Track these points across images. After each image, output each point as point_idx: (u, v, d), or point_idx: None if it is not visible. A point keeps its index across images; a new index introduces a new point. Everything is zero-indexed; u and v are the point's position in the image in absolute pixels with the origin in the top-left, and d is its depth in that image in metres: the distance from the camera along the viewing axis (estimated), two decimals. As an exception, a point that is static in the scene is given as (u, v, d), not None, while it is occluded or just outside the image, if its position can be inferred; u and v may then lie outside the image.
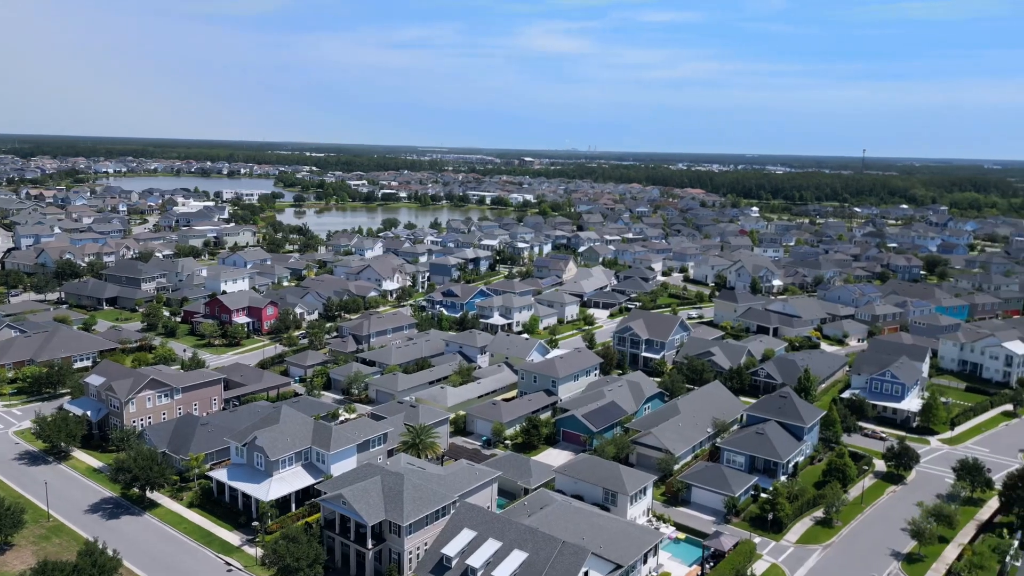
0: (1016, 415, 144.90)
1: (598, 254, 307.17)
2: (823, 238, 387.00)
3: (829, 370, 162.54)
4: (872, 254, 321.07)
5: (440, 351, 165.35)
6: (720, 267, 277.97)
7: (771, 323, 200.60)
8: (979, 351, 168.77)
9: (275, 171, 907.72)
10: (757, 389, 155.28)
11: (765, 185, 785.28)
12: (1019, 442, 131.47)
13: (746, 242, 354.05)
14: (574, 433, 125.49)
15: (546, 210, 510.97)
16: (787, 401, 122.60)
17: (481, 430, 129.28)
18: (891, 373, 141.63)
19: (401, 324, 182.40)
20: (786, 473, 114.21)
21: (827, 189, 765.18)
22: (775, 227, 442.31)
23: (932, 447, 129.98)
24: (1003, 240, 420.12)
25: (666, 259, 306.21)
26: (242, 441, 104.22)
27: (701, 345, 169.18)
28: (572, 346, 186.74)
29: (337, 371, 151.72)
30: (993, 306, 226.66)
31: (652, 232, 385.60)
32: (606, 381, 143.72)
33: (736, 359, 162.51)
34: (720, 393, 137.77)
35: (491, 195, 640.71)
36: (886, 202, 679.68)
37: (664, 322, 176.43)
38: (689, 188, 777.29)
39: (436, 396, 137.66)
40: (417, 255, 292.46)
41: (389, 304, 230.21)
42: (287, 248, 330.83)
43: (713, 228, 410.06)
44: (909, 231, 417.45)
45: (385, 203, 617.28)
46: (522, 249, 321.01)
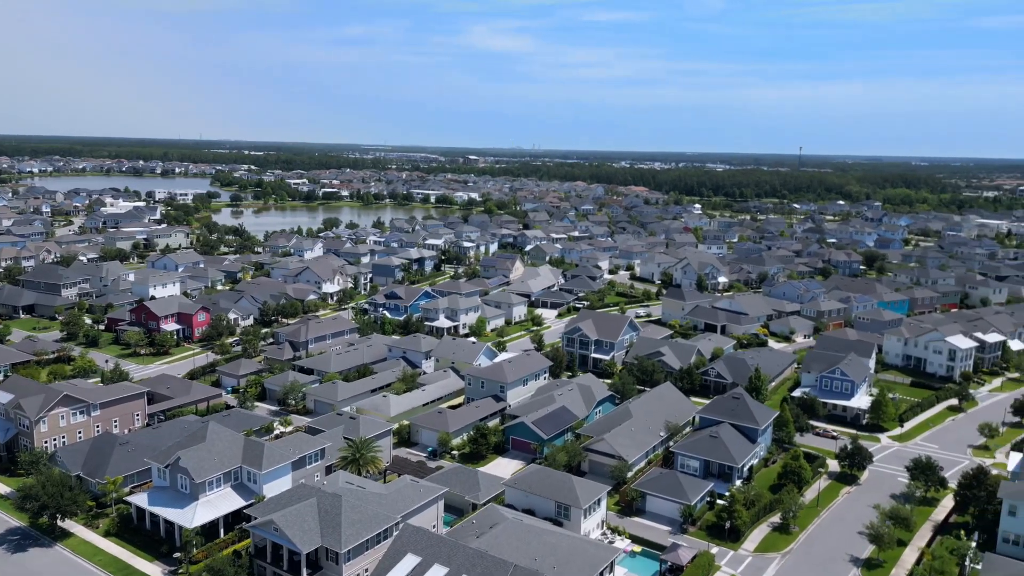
0: (962, 409, 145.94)
1: (545, 253, 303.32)
2: (765, 234, 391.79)
3: (778, 368, 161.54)
4: (813, 250, 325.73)
5: (383, 357, 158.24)
6: (666, 264, 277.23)
7: (719, 321, 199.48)
8: (923, 346, 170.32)
9: (212, 170, 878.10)
10: (708, 389, 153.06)
11: (706, 183, 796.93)
12: (967, 437, 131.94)
13: (690, 239, 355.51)
14: (524, 441, 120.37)
15: (492, 208, 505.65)
16: (740, 402, 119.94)
17: (426, 440, 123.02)
18: (840, 371, 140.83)
19: (341, 329, 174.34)
20: (741, 477, 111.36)
21: (766, 186, 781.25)
22: (718, 224, 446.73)
23: (883, 444, 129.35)
24: (935, 235, 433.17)
25: (612, 257, 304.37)
26: (164, 462, 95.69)
27: (651, 345, 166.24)
28: (521, 348, 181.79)
29: (272, 380, 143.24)
30: (932, 300, 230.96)
31: (598, 230, 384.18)
32: (556, 384, 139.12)
33: (686, 359, 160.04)
34: (672, 395, 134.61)
35: (436, 193, 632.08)
36: (823, 198, 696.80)
37: (613, 322, 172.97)
38: (633, 186, 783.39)
39: (378, 405, 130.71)
40: (359, 256, 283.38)
41: (329, 307, 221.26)
42: (222, 250, 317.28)
43: (658, 225, 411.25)
44: (847, 227, 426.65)
45: (326, 202, 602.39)
46: (468, 248, 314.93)
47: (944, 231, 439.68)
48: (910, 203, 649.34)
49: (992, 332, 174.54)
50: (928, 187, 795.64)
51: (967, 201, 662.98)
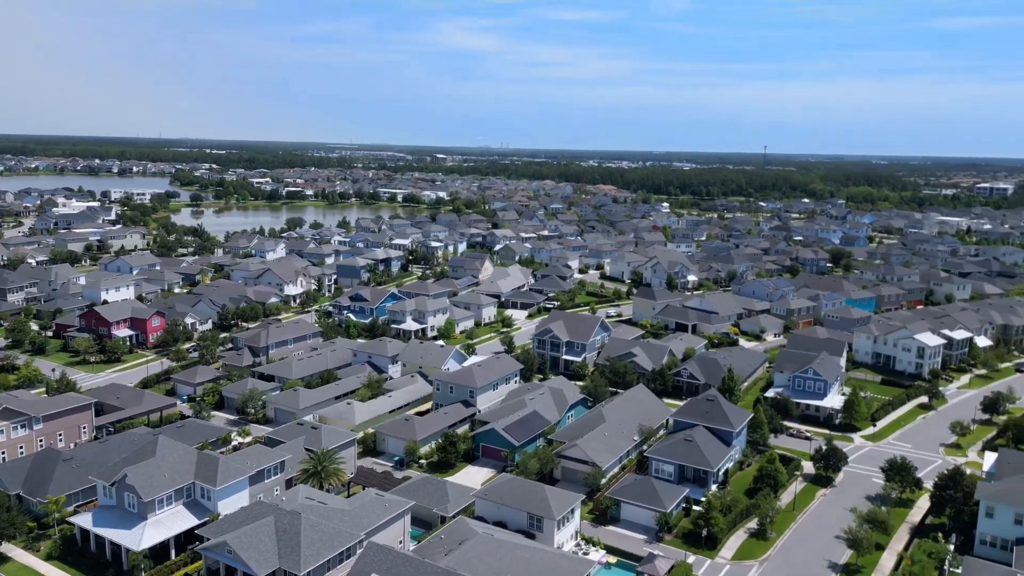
0: (932, 407, 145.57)
1: (514, 252, 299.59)
2: (733, 232, 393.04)
3: (750, 368, 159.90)
4: (781, 248, 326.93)
5: (347, 362, 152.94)
6: (636, 263, 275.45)
7: (689, 320, 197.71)
8: (892, 344, 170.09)
9: (171, 169, 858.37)
10: (680, 390, 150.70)
11: (673, 181, 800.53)
12: (939, 436, 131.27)
13: (659, 238, 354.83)
14: (494, 448, 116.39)
15: (460, 208, 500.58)
16: (714, 404, 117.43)
17: (393, 449, 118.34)
18: (813, 370, 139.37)
19: (304, 333, 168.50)
20: (717, 481, 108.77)
21: (732, 184, 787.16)
22: (686, 222, 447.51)
23: (856, 444, 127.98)
24: (898, 232, 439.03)
25: (582, 256, 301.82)
26: (110, 479, 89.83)
27: (622, 346, 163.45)
28: (491, 350, 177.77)
29: (231, 388, 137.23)
30: (898, 297, 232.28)
31: (567, 229, 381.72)
32: (527, 388, 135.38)
33: (658, 359, 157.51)
34: (645, 397, 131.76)
35: (403, 192, 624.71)
36: (788, 196, 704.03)
37: (584, 323, 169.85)
38: (601, 184, 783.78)
39: (342, 413, 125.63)
40: (323, 256, 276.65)
41: (292, 311, 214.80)
42: (180, 251, 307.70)
43: (627, 224, 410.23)
44: (812, 224, 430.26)
45: (290, 202, 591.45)
46: (436, 248, 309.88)
47: (906, 228, 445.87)
48: (872, 201, 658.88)
49: (959, 329, 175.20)
50: (889, 185, 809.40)
51: (927, 199, 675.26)
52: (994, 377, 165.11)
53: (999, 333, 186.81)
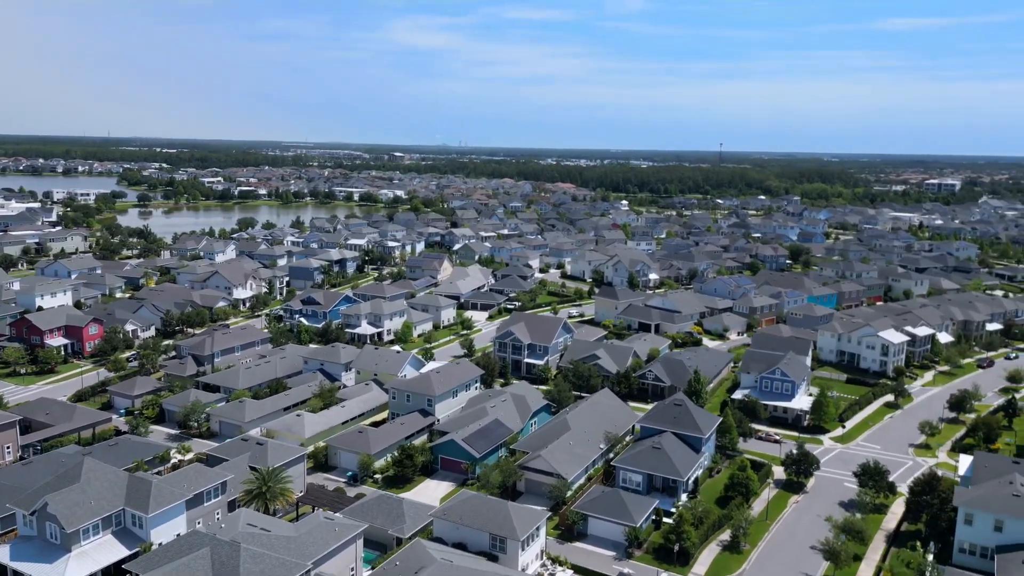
0: (898, 406, 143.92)
1: (474, 252, 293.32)
2: (692, 230, 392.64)
3: (715, 368, 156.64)
4: (740, 245, 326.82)
5: (298, 370, 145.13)
6: (597, 262, 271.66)
7: (652, 320, 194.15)
8: (856, 341, 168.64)
9: (119, 168, 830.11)
10: (646, 393, 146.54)
11: (632, 179, 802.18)
12: (907, 436, 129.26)
13: (620, 236, 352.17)
14: (454, 460, 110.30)
15: (418, 206, 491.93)
16: (682, 409, 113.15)
17: (346, 463, 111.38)
18: (781, 371, 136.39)
19: (252, 339, 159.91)
20: (687, 491, 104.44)
21: (689, 182, 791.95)
22: (645, 220, 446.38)
23: (826, 447, 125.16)
24: (853, 228, 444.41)
25: (543, 255, 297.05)
26: (30, 508, 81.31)
27: (585, 348, 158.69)
28: (450, 354, 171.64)
29: (172, 400, 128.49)
30: (858, 293, 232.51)
31: (527, 228, 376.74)
32: (488, 395, 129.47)
33: (623, 361, 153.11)
34: (610, 402, 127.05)
35: (359, 191, 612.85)
36: (744, 193, 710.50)
37: (546, 324, 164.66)
38: (560, 183, 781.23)
39: (292, 426, 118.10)
40: (275, 258, 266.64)
41: (242, 315, 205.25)
42: (125, 254, 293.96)
43: (587, 222, 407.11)
44: (770, 221, 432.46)
45: (243, 201, 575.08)
46: (393, 248, 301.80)
47: (861, 224, 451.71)
48: (826, 197, 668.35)
49: (922, 326, 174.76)
50: (842, 182, 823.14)
51: (879, 195, 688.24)
52: (957, 373, 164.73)
53: (959, 329, 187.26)
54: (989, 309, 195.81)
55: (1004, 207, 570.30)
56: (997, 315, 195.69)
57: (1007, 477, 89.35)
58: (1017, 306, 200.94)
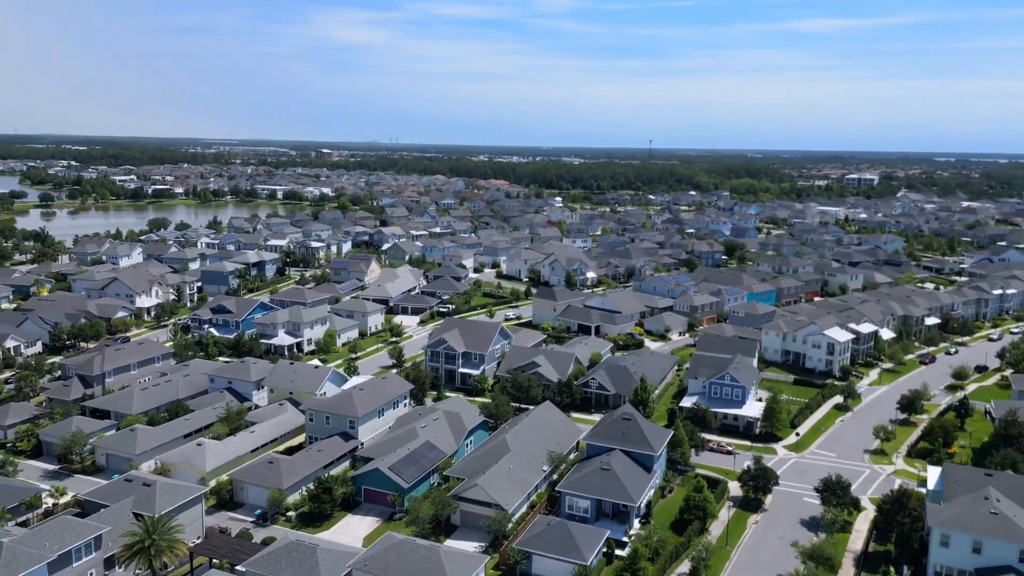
0: (848, 408, 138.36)
1: (404, 252, 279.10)
2: (627, 226, 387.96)
3: (660, 373, 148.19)
4: (676, 241, 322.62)
5: (203, 389, 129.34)
6: (533, 261, 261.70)
7: (592, 321, 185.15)
8: (801, 340, 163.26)
9: (23, 166, 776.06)
10: (589, 402, 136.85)
11: (564, 175, 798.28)
12: (861, 441, 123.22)
13: (555, 233, 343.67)
14: (380, 492, 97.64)
15: (345, 204, 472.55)
16: (631, 424, 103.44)
17: (254, 499, 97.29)
18: (730, 376, 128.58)
19: (151, 355, 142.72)
20: (639, 516, 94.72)
21: (621, 178, 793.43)
22: (580, 217, 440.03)
23: (780, 456, 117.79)
24: (783, 222, 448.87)
25: (477, 254, 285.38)
26: None
27: (524, 355, 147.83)
28: (377, 364, 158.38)
29: (51, 430, 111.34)
30: (797, 289, 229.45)
31: (460, 226, 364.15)
32: (419, 413, 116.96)
33: (564, 369, 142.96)
34: (552, 416, 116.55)
35: (283, 189, 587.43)
36: (675, 189, 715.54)
37: (482, 330, 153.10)
38: (493, 179, 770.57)
39: (191, 457, 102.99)
40: (187, 261, 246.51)
41: (145, 326, 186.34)
42: (17, 259, 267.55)
43: (521, 220, 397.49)
44: (703, 216, 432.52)
45: (158, 201, 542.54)
46: (317, 249, 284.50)
47: (790, 219, 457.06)
48: (755, 192, 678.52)
49: (865, 323, 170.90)
50: (768, 177, 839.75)
51: (804, 190, 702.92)
52: (901, 371, 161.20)
53: (899, 324, 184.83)
54: (927, 303, 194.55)
55: (922, 200, 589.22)
56: (935, 309, 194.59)
57: (981, 492, 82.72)
58: (953, 299, 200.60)
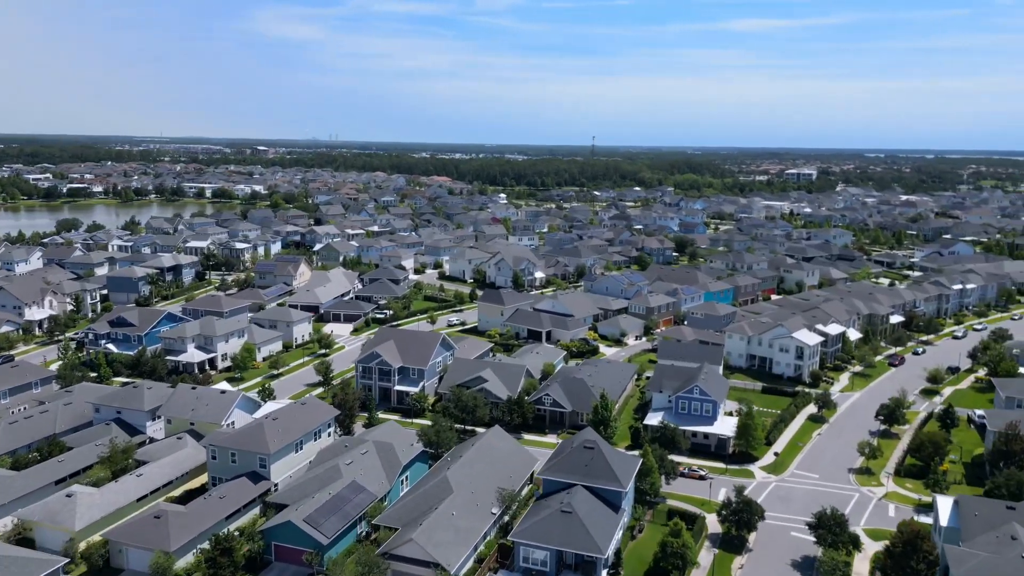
0: (823, 419, 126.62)
1: (338, 252, 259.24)
2: (574, 223, 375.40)
3: (620, 385, 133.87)
4: (625, 238, 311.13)
5: (87, 420, 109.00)
6: (478, 260, 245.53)
7: (543, 326, 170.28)
8: (767, 344, 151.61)
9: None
10: (543, 421, 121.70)
11: (508, 172, 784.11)
12: (844, 458, 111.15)
13: (500, 231, 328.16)
14: (294, 549, 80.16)
15: (278, 202, 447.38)
16: (595, 453, 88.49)
17: (137, 564, 78.64)
18: (699, 388, 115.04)
19: (27, 380, 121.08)
20: (607, 567, 79.76)
21: (565, 174, 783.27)
22: (525, 214, 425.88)
23: (759, 481, 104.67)
24: (730, 217, 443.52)
25: (418, 254, 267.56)
26: None
27: (469, 368, 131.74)
28: (302, 381, 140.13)
29: None
30: (753, 287, 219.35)
31: (400, 224, 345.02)
32: (344, 445, 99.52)
33: (513, 383, 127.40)
34: (502, 444, 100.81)
35: (212, 187, 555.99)
36: (619, 185, 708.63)
37: (421, 342, 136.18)
38: (435, 176, 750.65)
39: (58, 512, 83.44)
40: (92, 266, 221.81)
41: (36, 341, 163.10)
42: None
43: (465, 217, 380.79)
44: (650, 212, 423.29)
45: (74, 200, 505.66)
46: (242, 251, 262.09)
47: (736, 214, 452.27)
48: (698, 188, 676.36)
49: (832, 323, 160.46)
50: (710, 173, 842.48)
51: (746, 185, 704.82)
52: (872, 374, 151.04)
53: (865, 323, 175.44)
54: (890, 300, 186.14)
55: (862, 194, 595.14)
56: (898, 307, 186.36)
57: (1005, 530, 70.67)
58: (915, 296, 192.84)
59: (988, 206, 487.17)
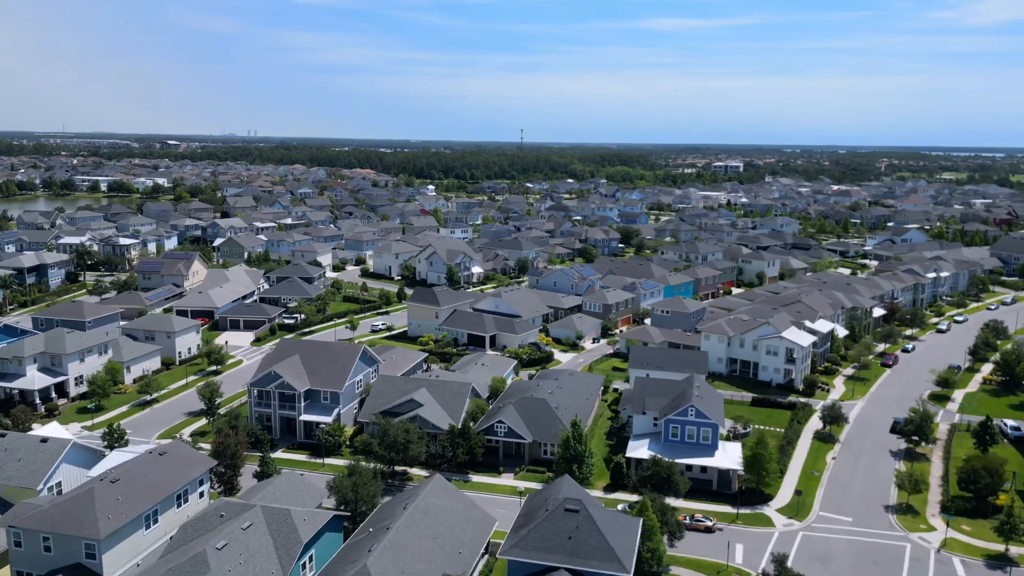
0: (832, 437, 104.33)
1: (242, 247, 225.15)
2: (510, 215, 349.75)
3: (587, 401, 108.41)
4: (568, 228, 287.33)
5: None
6: (406, 255, 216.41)
7: (486, 330, 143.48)
8: (750, 345, 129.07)
9: None
10: (495, 455, 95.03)
11: (436, 164, 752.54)
12: (875, 493, 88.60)
13: (431, 223, 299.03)
14: None
15: (182, 195, 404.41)
16: (581, 519, 62.29)
17: None
18: (695, 409, 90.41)
19: None
20: None
21: (495, 167, 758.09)
22: (457, 205, 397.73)
23: (781, 530, 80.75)
24: (668, 208, 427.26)
25: (337, 248, 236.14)
26: None
27: (398, 388, 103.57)
28: (182, 410, 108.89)
29: None
30: (714, 279, 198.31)
31: (318, 216, 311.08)
32: (221, 513, 69.69)
33: (456, 407, 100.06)
34: (447, 503, 73.28)
35: (109, 180, 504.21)
36: (551, 178, 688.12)
37: (335, 356, 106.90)
38: (358, 169, 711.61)
39: None
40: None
41: None
42: None
43: (391, 208, 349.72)
44: (587, 203, 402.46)
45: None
46: (128, 247, 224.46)
47: (675, 204, 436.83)
48: (631, 180, 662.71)
49: (820, 320, 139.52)
50: (641, 165, 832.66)
51: (678, 177, 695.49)
52: (868, 377, 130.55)
53: (848, 318, 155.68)
54: (869, 291, 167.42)
55: (794, 184, 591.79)
56: (877, 298, 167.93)
57: None
58: (893, 286, 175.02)
59: (918, 195, 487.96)
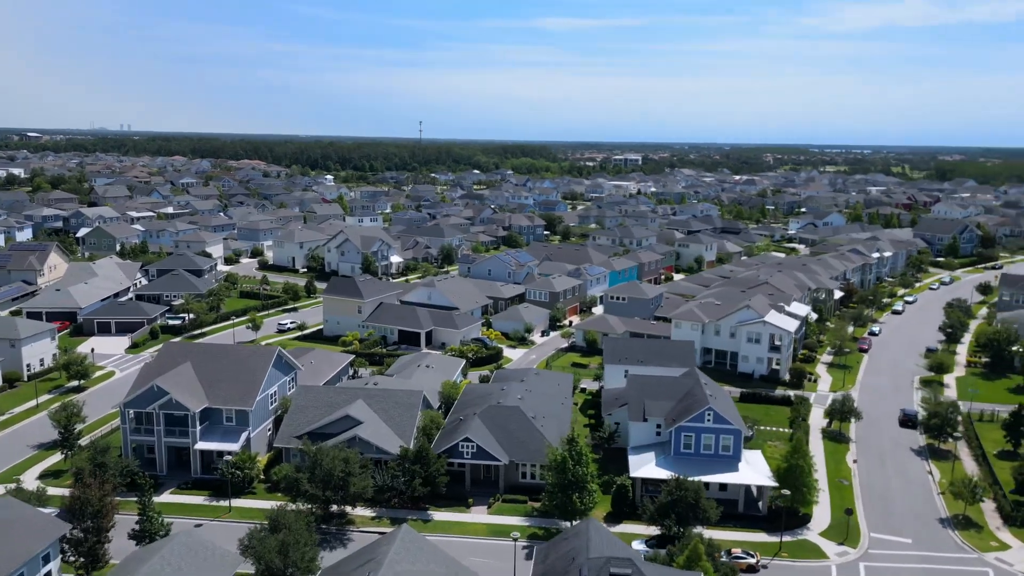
0: (843, 436, 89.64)
1: (113, 238, 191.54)
2: (422, 202, 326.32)
3: (564, 407, 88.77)
4: (488, 215, 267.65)
5: None
6: (313, 243, 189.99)
7: (421, 325, 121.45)
8: (727, 332, 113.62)
9: None
10: (460, 482, 73.96)
11: (331, 156, 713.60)
12: (923, 506, 73.80)
13: (337, 210, 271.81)
14: None
15: (41, 185, 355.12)
16: None
17: None
18: (714, 414, 72.43)
19: None
20: None
21: (395, 159, 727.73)
22: (362, 194, 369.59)
23: (836, 561, 64.07)
24: (581, 197, 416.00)
25: (229, 238, 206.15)
26: None
27: (325, 402, 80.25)
28: (29, 442, 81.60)
29: None
30: (656, 264, 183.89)
31: (204, 205, 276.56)
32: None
33: (405, 426, 78.01)
34: (425, 570, 51.60)
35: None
36: (455, 170, 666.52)
37: (240, 363, 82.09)
38: (247, 160, 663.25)
39: None
40: None
41: None
42: None
43: (288, 197, 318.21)
44: (500, 192, 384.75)
45: None
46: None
47: (587, 193, 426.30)
48: (538, 171, 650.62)
49: (795, 303, 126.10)
50: (544, 157, 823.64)
51: (583, 168, 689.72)
52: (851, 364, 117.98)
53: (811, 300, 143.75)
54: (827, 273, 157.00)
55: (696, 175, 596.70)
56: (836, 279, 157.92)
57: None
58: (845, 267, 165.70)
59: (815, 183, 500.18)
